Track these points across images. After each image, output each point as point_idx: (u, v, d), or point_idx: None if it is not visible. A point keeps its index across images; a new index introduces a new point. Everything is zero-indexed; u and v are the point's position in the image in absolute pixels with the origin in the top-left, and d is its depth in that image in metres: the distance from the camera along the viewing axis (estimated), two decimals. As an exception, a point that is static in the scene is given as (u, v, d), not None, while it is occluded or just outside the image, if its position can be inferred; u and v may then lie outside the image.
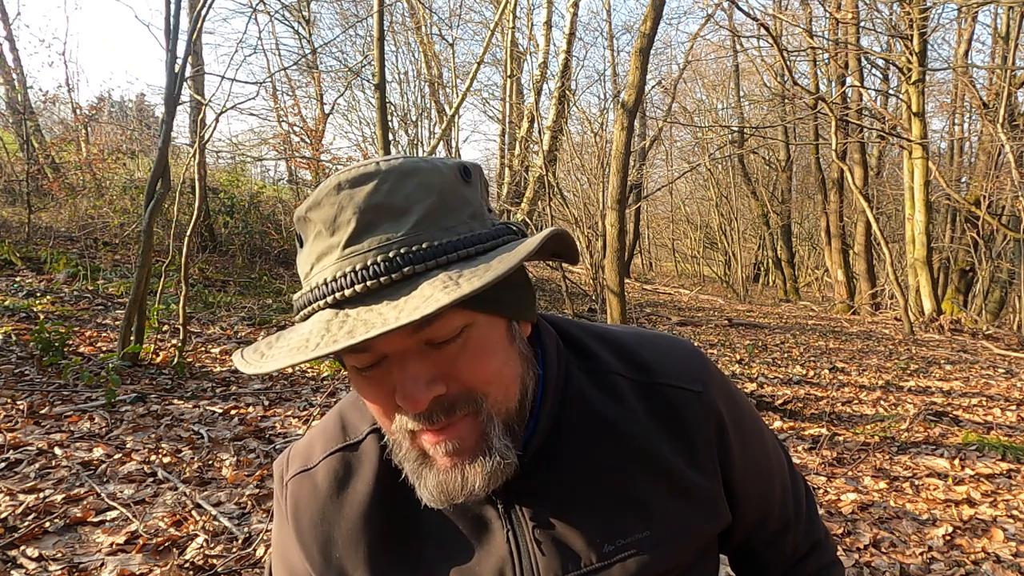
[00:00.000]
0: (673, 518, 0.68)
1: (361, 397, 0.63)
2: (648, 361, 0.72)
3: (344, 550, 0.69)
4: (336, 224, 0.56)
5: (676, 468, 0.68)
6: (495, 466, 0.59)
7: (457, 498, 0.60)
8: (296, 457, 0.75)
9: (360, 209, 0.55)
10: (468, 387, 0.58)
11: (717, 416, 0.71)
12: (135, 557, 1.98)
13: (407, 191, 0.57)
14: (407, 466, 0.62)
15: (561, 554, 0.66)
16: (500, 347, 0.60)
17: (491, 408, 0.59)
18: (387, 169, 0.57)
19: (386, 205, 0.56)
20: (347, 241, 0.55)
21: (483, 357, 0.58)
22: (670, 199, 22.43)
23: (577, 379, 0.70)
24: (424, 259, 0.54)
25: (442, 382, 0.57)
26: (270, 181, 14.34)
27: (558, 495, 0.67)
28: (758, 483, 0.76)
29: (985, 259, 11.63)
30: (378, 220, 0.55)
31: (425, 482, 0.61)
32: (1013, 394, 4.96)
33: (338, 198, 0.56)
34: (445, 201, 0.58)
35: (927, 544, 2.38)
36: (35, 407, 3.16)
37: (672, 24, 27.67)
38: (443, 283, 0.51)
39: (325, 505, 0.70)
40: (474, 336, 0.58)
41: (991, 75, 11.52)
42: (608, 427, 0.68)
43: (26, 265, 6.31)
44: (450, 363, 0.57)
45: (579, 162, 10.48)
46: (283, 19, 13.85)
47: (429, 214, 0.56)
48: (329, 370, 4.51)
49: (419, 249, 0.54)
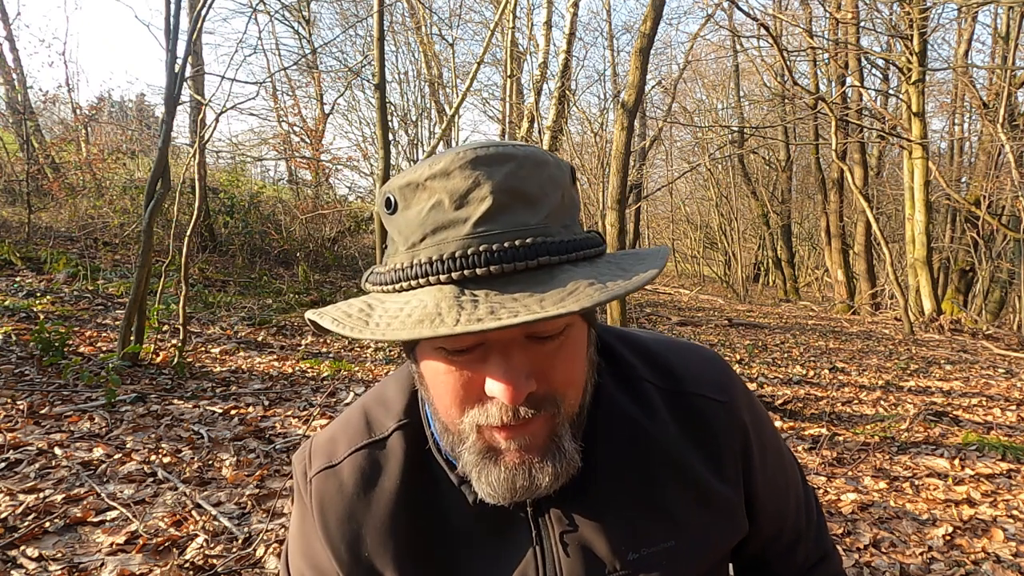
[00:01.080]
0: (697, 528, 0.68)
1: (429, 384, 0.61)
2: (677, 369, 0.72)
3: (373, 548, 0.68)
4: (467, 199, 0.53)
5: (703, 478, 0.68)
6: (564, 467, 0.59)
7: (521, 495, 0.60)
8: (319, 453, 0.73)
9: (499, 188, 0.53)
10: (554, 388, 0.58)
11: (742, 427, 0.71)
12: (135, 557, 1.98)
13: (540, 181, 0.55)
14: (467, 458, 0.60)
15: (586, 560, 0.65)
16: (584, 352, 0.61)
17: (565, 410, 0.59)
18: (524, 155, 0.55)
19: (523, 191, 0.54)
20: (480, 219, 0.53)
21: (574, 360, 0.59)
22: (670, 199, 22.42)
23: (607, 384, 0.70)
24: (559, 252, 0.53)
25: (535, 379, 0.56)
26: (270, 181, 14.36)
27: (587, 500, 0.66)
28: (776, 495, 0.76)
29: (985, 259, 11.63)
30: (514, 205, 0.54)
31: (488, 476, 0.60)
32: (1013, 394, 4.96)
33: (474, 172, 0.53)
34: (564, 199, 0.58)
35: (927, 544, 2.38)
36: (35, 407, 3.16)
37: (672, 24, 27.67)
38: (588, 281, 0.51)
39: (352, 503, 0.69)
40: (571, 338, 0.58)
41: (991, 75, 11.52)
42: (639, 433, 0.68)
43: (26, 265, 6.31)
44: (547, 361, 0.57)
45: (579, 162, 10.48)
46: (283, 19, 13.87)
47: (556, 209, 0.56)
48: (329, 370, 4.51)
49: (553, 241, 0.54)
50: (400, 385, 0.74)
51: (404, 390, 0.73)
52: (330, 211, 9.73)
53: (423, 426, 0.70)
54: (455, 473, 0.67)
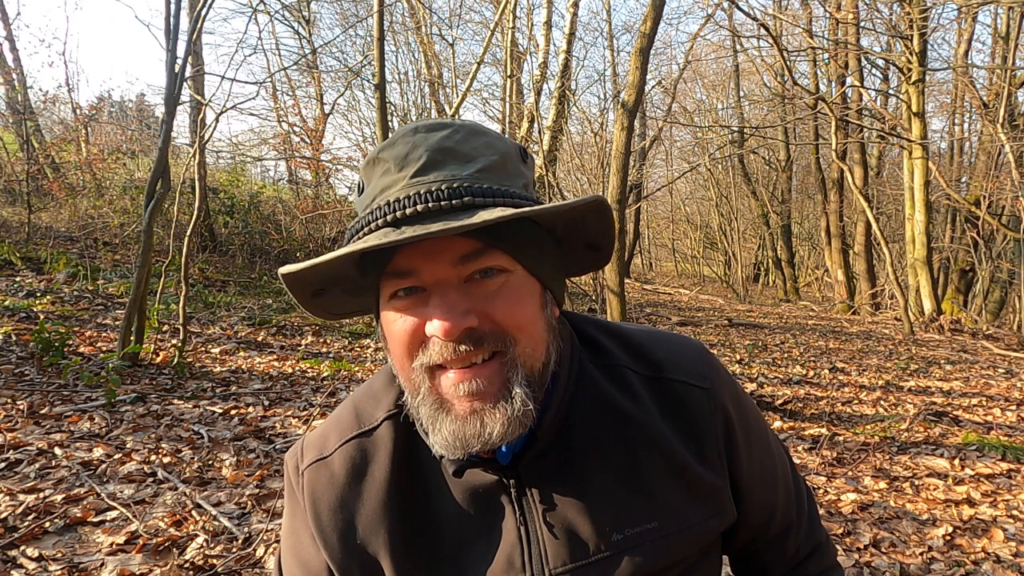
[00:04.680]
0: (680, 511, 0.69)
1: (387, 339, 0.64)
2: (658, 357, 0.73)
3: (365, 536, 0.70)
4: (407, 160, 0.60)
5: (685, 462, 0.69)
6: (514, 413, 0.59)
7: (472, 446, 0.60)
8: (310, 447, 0.75)
9: (432, 148, 0.60)
10: (499, 327, 0.60)
11: (724, 413, 0.72)
12: (135, 557, 1.98)
13: (475, 144, 0.62)
14: (422, 411, 0.63)
15: (570, 541, 0.66)
16: (533, 301, 0.63)
17: (518, 356, 0.61)
18: (460, 124, 0.63)
19: (455, 151, 0.61)
20: (415, 173, 0.59)
21: (517, 303, 0.61)
22: (670, 199, 22.43)
23: (590, 371, 0.71)
24: (485, 195, 0.58)
25: (475, 315, 0.59)
26: (270, 181, 14.35)
27: (570, 481, 0.67)
28: (763, 484, 0.76)
29: (985, 259, 11.62)
30: (446, 161, 0.60)
31: (441, 428, 0.61)
32: (1013, 394, 4.96)
33: (413, 139, 0.61)
34: (505, 165, 0.63)
35: (927, 544, 2.38)
36: (35, 407, 3.16)
37: (672, 24, 27.69)
38: (501, 210, 0.56)
39: (343, 492, 0.71)
40: (512, 283, 0.61)
41: (991, 75, 11.52)
42: (620, 417, 0.69)
43: (26, 265, 6.31)
44: (487, 301, 0.60)
45: (579, 162, 10.49)
46: (283, 19, 13.86)
47: (491, 168, 0.61)
48: (329, 370, 4.51)
49: (479, 187, 0.59)
50: (388, 378, 0.76)
51: (392, 382, 0.75)
52: (330, 211, 9.72)
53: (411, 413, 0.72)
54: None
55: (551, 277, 0.65)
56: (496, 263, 0.60)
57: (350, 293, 0.70)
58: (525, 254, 0.62)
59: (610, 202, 5.14)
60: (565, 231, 0.68)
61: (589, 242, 0.70)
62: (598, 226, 0.67)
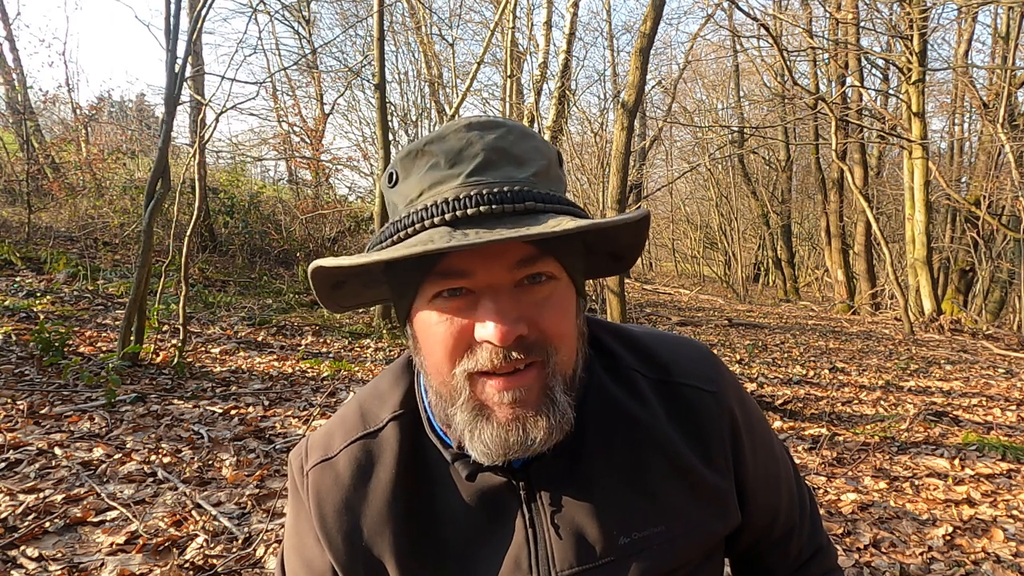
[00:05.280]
0: (686, 515, 0.69)
1: (422, 341, 0.63)
2: (665, 360, 0.73)
3: (370, 537, 0.69)
4: (460, 157, 0.59)
5: (692, 465, 0.69)
6: (557, 421, 0.59)
7: (514, 452, 0.60)
8: (315, 447, 0.75)
9: (488, 147, 0.59)
10: (545, 336, 0.59)
11: (731, 416, 0.72)
12: (135, 557, 1.98)
13: (526, 147, 0.61)
14: (460, 418, 0.61)
15: (577, 544, 0.66)
16: (573, 311, 0.63)
17: (557, 364, 0.60)
18: (512, 124, 0.62)
19: (510, 152, 0.60)
20: (471, 172, 0.58)
21: (563, 312, 0.61)
22: (670, 199, 22.42)
23: (598, 373, 0.71)
24: (546, 200, 0.58)
25: (525, 323, 0.58)
26: (270, 181, 14.36)
27: (579, 485, 0.67)
28: (767, 486, 0.77)
29: (985, 259, 11.62)
30: (501, 162, 0.59)
31: (481, 434, 0.60)
32: (1013, 394, 4.96)
33: (467, 135, 0.59)
34: (550, 170, 0.63)
35: (927, 544, 2.38)
36: (35, 407, 3.16)
37: (672, 24, 27.69)
38: (570, 219, 0.54)
39: (349, 494, 0.70)
40: (559, 291, 0.61)
41: (991, 75, 11.52)
42: (629, 420, 0.69)
43: (26, 265, 6.31)
44: (536, 309, 0.59)
45: (579, 162, 10.48)
46: (283, 19, 13.87)
47: (542, 172, 0.61)
48: (329, 370, 4.51)
49: (540, 192, 0.58)
50: (394, 378, 0.75)
51: (398, 382, 0.74)
52: (330, 211, 9.73)
53: (418, 414, 0.71)
54: (449, 451, 0.67)
55: (581, 284, 0.66)
56: (547, 270, 0.59)
57: (367, 286, 0.70)
58: (570, 262, 0.62)
59: (610, 202, 5.15)
60: (595, 239, 0.68)
61: (615, 251, 0.70)
62: (630, 239, 0.68)
